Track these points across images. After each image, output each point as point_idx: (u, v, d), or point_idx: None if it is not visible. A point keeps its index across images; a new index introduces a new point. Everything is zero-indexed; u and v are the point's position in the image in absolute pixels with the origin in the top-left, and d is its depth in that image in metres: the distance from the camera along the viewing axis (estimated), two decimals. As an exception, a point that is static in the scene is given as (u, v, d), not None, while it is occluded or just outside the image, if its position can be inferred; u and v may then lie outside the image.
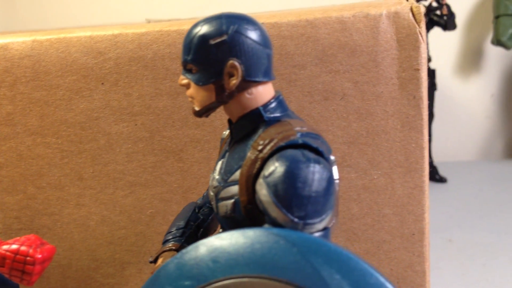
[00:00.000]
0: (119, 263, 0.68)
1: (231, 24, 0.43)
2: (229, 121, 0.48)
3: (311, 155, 0.40)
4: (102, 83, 0.63)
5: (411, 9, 0.58)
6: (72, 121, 0.65)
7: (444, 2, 1.21)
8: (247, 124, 0.45)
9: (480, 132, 1.59)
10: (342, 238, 0.64)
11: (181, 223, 0.52)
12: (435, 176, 1.41)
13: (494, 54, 1.54)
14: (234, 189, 0.44)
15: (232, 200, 0.44)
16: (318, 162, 0.40)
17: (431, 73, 1.34)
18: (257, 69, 0.44)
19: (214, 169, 0.48)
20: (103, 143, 0.65)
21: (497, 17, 1.42)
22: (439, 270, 0.94)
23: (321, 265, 0.37)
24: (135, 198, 0.66)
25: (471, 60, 1.56)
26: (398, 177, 0.62)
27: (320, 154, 0.42)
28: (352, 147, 0.62)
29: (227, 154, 0.47)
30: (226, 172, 0.46)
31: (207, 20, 0.44)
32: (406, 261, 0.64)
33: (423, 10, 0.59)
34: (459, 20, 1.52)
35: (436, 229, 1.12)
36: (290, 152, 0.40)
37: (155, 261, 0.50)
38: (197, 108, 0.46)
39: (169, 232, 0.52)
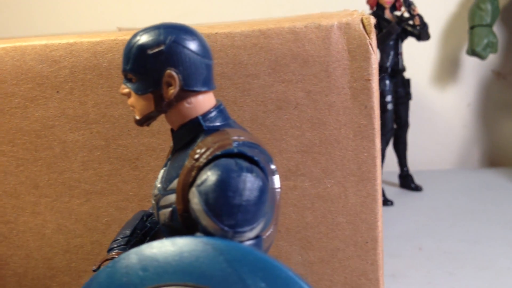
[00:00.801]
0: (75, 272, 0.68)
1: (169, 34, 0.44)
2: (172, 130, 0.48)
3: (245, 164, 0.41)
4: (57, 92, 0.64)
5: (362, 21, 0.59)
6: (28, 129, 0.65)
7: (415, 13, 1.22)
8: (187, 133, 0.46)
9: (456, 141, 1.60)
10: (297, 247, 0.65)
11: (127, 232, 0.52)
12: (411, 184, 1.42)
13: (470, 64, 1.56)
14: (172, 197, 0.44)
15: (170, 209, 0.45)
16: (251, 171, 0.40)
17: (406, 83, 1.35)
18: (195, 79, 0.44)
19: (157, 177, 0.49)
20: (58, 151, 0.65)
21: (472, 27, 1.44)
22: (406, 278, 0.94)
23: (246, 273, 0.37)
24: (91, 206, 0.66)
25: (447, 70, 1.58)
26: (351, 186, 0.63)
27: (255, 163, 0.42)
28: (305, 156, 0.63)
29: (168, 163, 0.48)
30: (166, 181, 0.46)
31: (146, 30, 0.45)
32: (360, 269, 0.64)
33: (373, 21, 0.59)
34: (436, 30, 1.54)
35: (407, 237, 1.12)
36: (224, 161, 0.41)
37: (98, 269, 0.50)
38: (137, 117, 0.47)
39: (114, 240, 0.52)
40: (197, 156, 0.43)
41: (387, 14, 1.28)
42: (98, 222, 0.67)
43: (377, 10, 1.28)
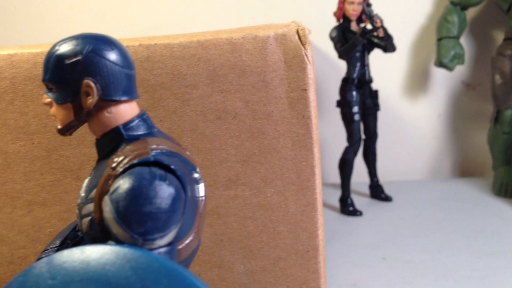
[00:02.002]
0: (19, 283, 0.68)
1: (86, 44, 0.44)
2: (96, 139, 0.48)
3: (159, 172, 0.41)
4: (-2, 102, 0.64)
5: (297, 32, 0.60)
6: (-31, 140, 0.65)
7: (378, 25, 1.24)
8: (108, 142, 0.46)
9: (427, 152, 1.62)
10: (239, 256, 0.65)
11: (57, 242, 0.52)
12: (381, 195, 1.42)
13: (440, 76, 1.58)
14: (92, 206, 0.45)
15: (90, 217, 0.45)
16: (163, 179, 0.41)
17: (374, 94, 1.36)
18: (115, 89, 0.45)
19: (81, 186, 0.49)
20: (0, 162, 0.65)
21: (439, 39, 1.46)
22: (367, 287, 0.94)
23: (151, 281, 0.37)
24: (33, 217, 0.66)
25: (418, 81, 1.60)
26: (291, 195, 0.63)
27: (172, 172, 0.42)
28: (245, 166, 0.63)
29: (93, 172, 0.48)
30: (88, 190, 0.46)
31: (65, 40, 0.45)
32: (302, 278, 0.64)
33: (308, 32, 0.60)
34: (407, 42, 1.56)
35: (373, 247, 1.12)
36: (138, 169, 0.41)
37: (25, 279, 0.50)
38: (59, 126, 0.47)
39: (44, 251, 0.52)
40: (114, 165, 0.43)
41: (353, 26, 1.30)
42: (41, 233, 0.67)
43: (344, 22, 1.30)
